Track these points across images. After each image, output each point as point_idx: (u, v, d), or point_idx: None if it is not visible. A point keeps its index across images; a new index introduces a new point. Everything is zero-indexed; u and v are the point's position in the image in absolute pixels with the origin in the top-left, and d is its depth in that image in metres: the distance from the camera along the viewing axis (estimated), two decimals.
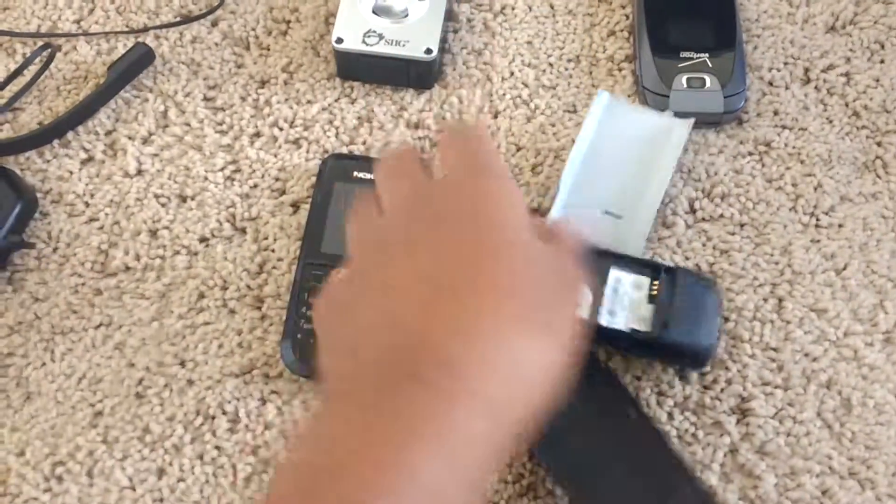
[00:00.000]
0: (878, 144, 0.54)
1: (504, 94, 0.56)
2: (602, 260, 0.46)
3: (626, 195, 0.50)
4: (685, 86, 0.53)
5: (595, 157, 0.51)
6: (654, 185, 0.50)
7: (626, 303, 0.45)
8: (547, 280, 0.35)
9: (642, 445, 0.44)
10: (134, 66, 0.55)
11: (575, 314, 0.36)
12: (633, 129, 0.52)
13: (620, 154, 0.52)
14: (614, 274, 0.46)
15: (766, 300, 0.49)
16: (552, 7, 0.59)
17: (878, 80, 0.56)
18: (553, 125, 0.55)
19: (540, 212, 0.52)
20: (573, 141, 0.52)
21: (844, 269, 0.50)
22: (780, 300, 0.49)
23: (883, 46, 0.57)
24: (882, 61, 0.57)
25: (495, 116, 0.55)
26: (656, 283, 0.45)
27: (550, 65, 0.57)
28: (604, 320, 0.45)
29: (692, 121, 0.52)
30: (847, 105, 0.55)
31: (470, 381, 0.31)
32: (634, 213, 0.50)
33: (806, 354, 0.47)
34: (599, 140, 0.52)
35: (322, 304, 0.38)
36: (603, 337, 0.45)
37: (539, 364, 0.33)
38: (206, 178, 0.53)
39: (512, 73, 0.57)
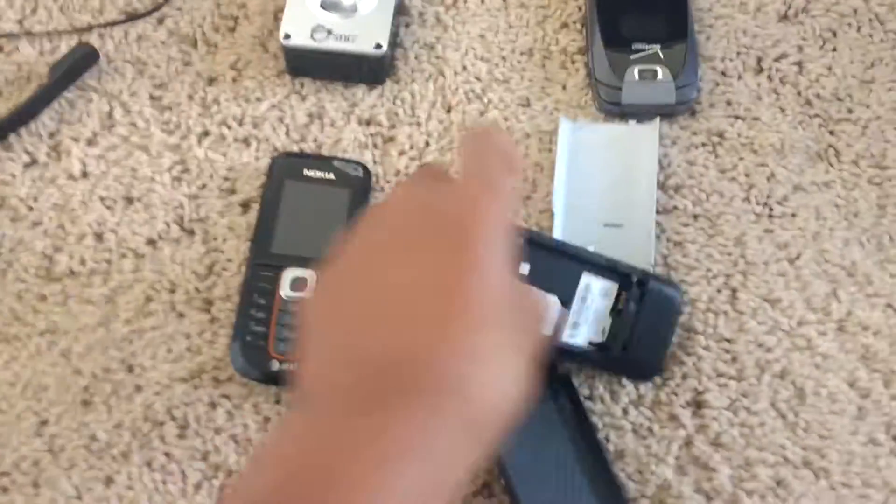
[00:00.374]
0: (831, 133, 0.54)
1: (457, 89, 0.55)
2: (574, 264, 0.46)
3: (620, 205, 0.51)
4: (637, 77, 0.53)
5: (578, 178, 0.51)
6: (644, 190, 0.51)
7: (591, 315, 0.46)
8: (518, 304, 0.36)
9: (584, 443, 0.44)
10: (77, 65, 0.54)
11: (540, 334, 0.37)
12: (604, 145, 0.53)
13: (601, 169, 0.52)
14: (585, 280, 0.46)
15: (719, 291, 0.49)
16: (504, 0, 0.58)
17: (830, 69, 0.56)
18: (507, 119, 0.54)
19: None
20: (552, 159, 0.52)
21: (797, 258, 0.50)
22: (734, 291, 0.49)
23: (835, 34, 0.57)
24: (834, 49, 0.57)
25: (448, 111, 0.55)
26: (623, 293, 0.46)
27: (503, 58, 0.57)
28: (566, 335, 0.45)
29: (657, 121, 0.52)
30: (799, 94, 0.55)
31: (457, 399, 0.32)
32: (633, 221, 0.50)
33: (760, 345, 0.47)
34: (576, 163, 0.52)
35: (310, 306, 0.37)
36: (562, 352, 0.45)
37: (514, 383, 0.34)
38: (152, 179, 0.52)
39: (465, 68, 0.56)
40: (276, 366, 0.45)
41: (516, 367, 0.34)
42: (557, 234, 0.50)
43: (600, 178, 0.52)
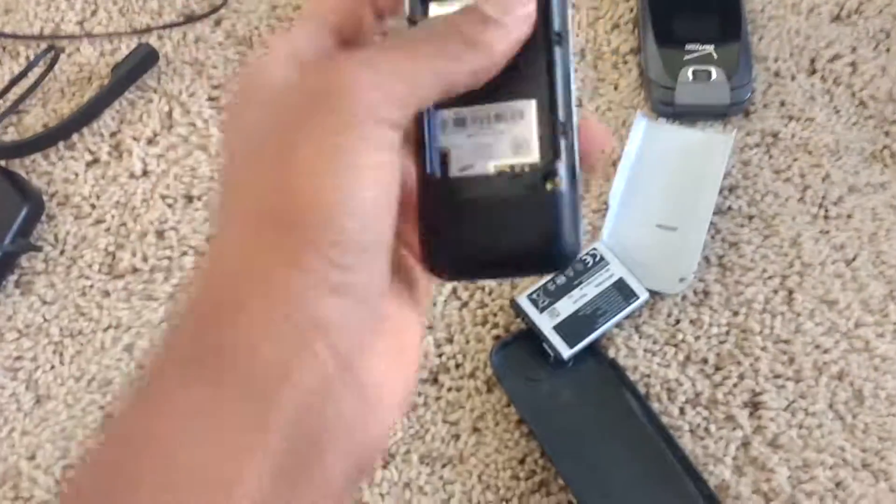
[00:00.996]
0: (886, 134, 0.54)
1: None
2: None
3: (677, 209, 0.51)
4: (691, 78, 0.53)
5: (641, 176, 0.52)
6: (705, 198, 0.50)
7: None
8: None
9: (650, 445, 0.44)
10: (137, 67, 0.55)
11: None
12: (676, 148, 0.53)
13: (666, 171, 0.52)
14: None
15: (776, 292, 0.49)
16: None
17: (884, 70, 0.56)
18: None
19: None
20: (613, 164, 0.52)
21: (854, 259, 0.50)
22: (790, 292, 0.49)
23: (888, 35, 0.57)
24: (888, 50, 0.57)
25: None
26: None
27: None
28: None
29: (734, 133, 0.52)
30: (853, 95, 0.55)
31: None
32: (688, 225, 0.50)
33: (817, 346, 0.47)
34: (642, 161, 0.52)
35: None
36: None
37: None
38: (212, 178, 0.53)
39: None
40: None
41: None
42: (608, 229, 0.50)
43: (664, 179, 0.52)
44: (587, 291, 0.47)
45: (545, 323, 0.46)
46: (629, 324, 0.48)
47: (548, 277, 0.47)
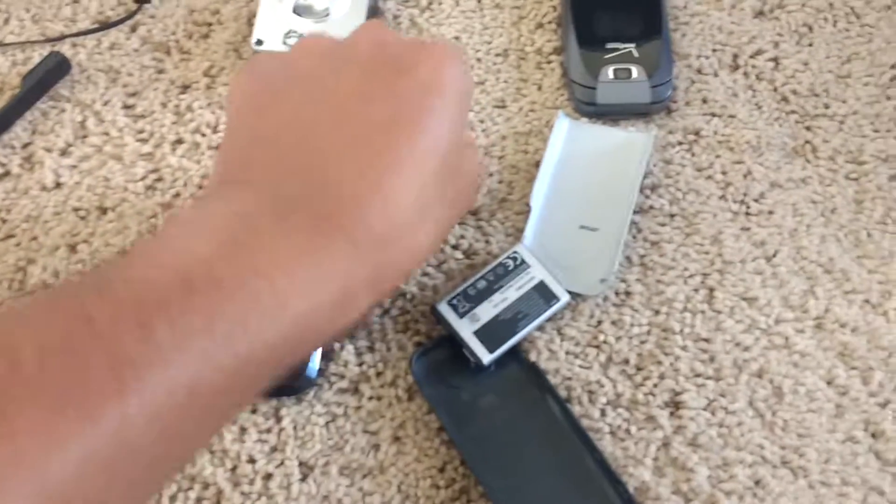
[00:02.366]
0: (808, 129, 0.54)
1: None
2: None
3: (599, 209, 0.50)
4: (612, 77, 0.53)
5: (563, 176, 0.51)
6: (625, 197, 0.50)
7: None
8: (458, 168, 0.38)
9: (569, 449, 0.44)
10: (49, 75, 0.54)
11: (456, 219, 0.42)
12: (597, 147, 0.52)
13: (587, 171, 0.51)
14: None
15: (696, 291, 0.49)
16: (479, 1, 0.58)
17: (806, 64, 0.56)
18: (482, 121, 0.54)
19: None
20: (536, 164, 0.52)
21: (774, 256, 0.50)
22: (711, 290, 0.49)
23: (811, 29, 0.57)
24: (810, 44, 0.57)
25: None
26: None
27: (478, 60, 0.56)
28: None
29: (654, 132, 0.52)
30: (776, 90, 0.55)
31: (369, 242, 0.33)
32: (609, 226, 0.49)
33: (737, 344, 0.47)
34: (565, 161, 0.51)
35: (243, 84, 0.38)
36: None
37: (429, 245, 0.36)
38: (126, 189, 0.51)
39: None
40: None
41: (434, 236, 0.37)
42: (530, 231, 0.50)
43: (586, 179, 0.51)
44: (508, 295, 0.47)
45: (465, 328, 0.46)
46: (551, 326, 0.48)
47: (468, 282, 0.47)
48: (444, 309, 0.46)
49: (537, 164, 0.52)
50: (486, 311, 0.46)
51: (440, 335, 0.47)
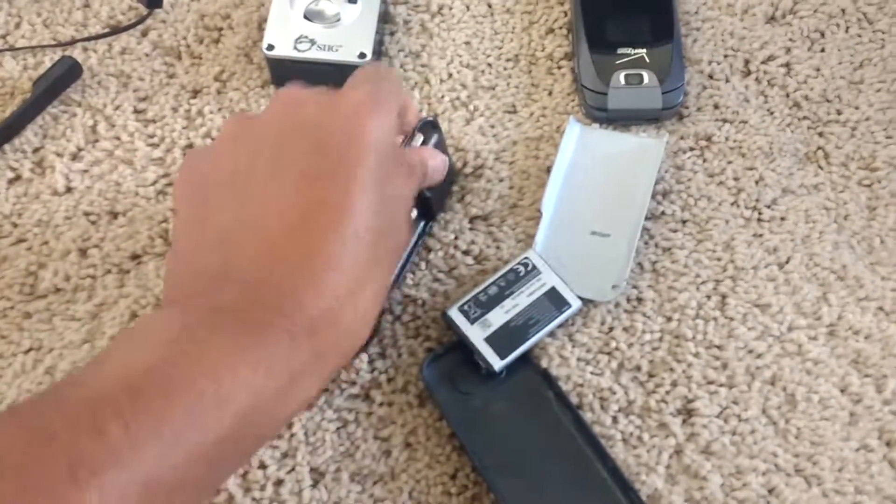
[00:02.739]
0: (820, 135, 0.54)
1: (443, 97, 0.55)
2: None
3: (610, 215, 0.50)
4: (623, 83, 0.53)
5: (574, 182, 0.51)
6: (637, 203, 0.50)
7: None
8: (383, 234, 0.37)
9: (581, 457, 0.43)
10: (60, 80, 0.54)
11: (394, 266, 0.41)
12: (609, 153, 0.52)
13: (599, 177, 0.51)
14: None
15: (708, 297, 0.48)
16: (490, 6, 0.58)
17: (818, 70, 0.56)
18: (493, 126, 0.54)
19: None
20: (547, 170, 0.52)
21: (787, 262, 0.50)
22: (723, 297, 0.48)
23: (823, 35, 0.57)
24: (822, 50, 0.56)
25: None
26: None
27: (489, 65, 0.56)
28: None
29: (666, 138, 0.52)
30: (788, 96, 0.55)
31: (317, 338, 0.34)
32: (621, 232, 0.49)
33: (750, 351, 0.47)
34: (576, 166, 0.51)
35: (184, 180, 0.40)
36: None
37: (366, 321, 0.37)
38: (137, 194, 0.51)
39: (450, 75, 0.56)
40: None
41: (372, 301, 0.37)
42: (541, 237, 0.49)
43: (597, 185, 0.51)
44: (519, 301, 0.46)
45: (476, 335, 0.46)
46: (562, 333, 0.47)
47: (479, 288, 0.47)
48: (455, 315, 0.46)
49: (548, 170, 0.52)
50: (498, 317, 0.46)
51: (451, 341, 0.47)
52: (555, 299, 0.46)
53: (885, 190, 0.52)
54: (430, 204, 0.47)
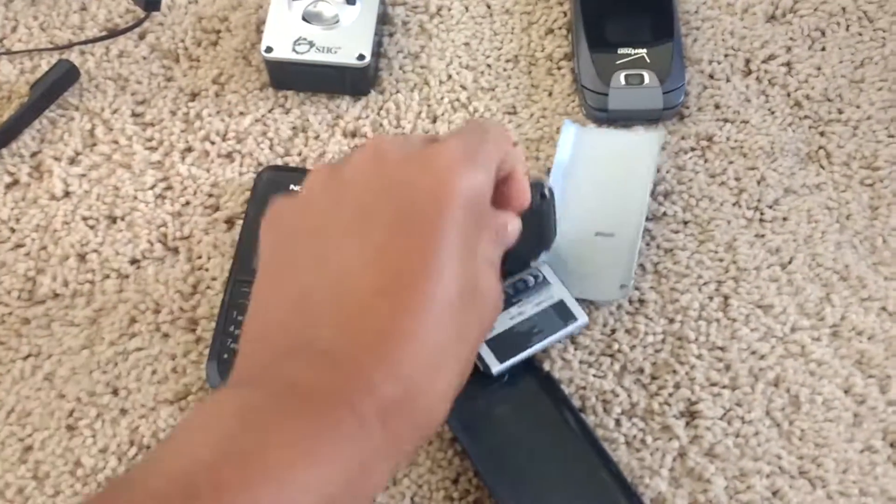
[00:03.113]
0: (821, 134, 0.53)
1: (442, 98, 0.55)
2: None
3: (613, 213, 0.49)
4: (623, 83, 0.52)
5: (574, 183, 0.50)
6: (638, 199, 0.49)
7: None
8: (475, 294, 0.34)
9: (583, 461, 0.43)
10: (57, 83, 0.53)
11: (491, 323, 0.37)
12: (607, 151, 0.52)
13: (598, 175, 0.51)
14: None
15: (711, 298, 0.48)
16: (489, 7, 0.58)
17: (819, 69, 0.55)
18: None
19: None
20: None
21: (789, 262, 0.49)
22: (726, 298, 0.48)
23: (824, 34, 0.57)
24: (823, 49, 0.56)
25: (434, 121, 0.54)
26: None
27: (489, 66, 0.56)
28: None
29: (664, 131, 0.51)
30: (789, 95, 0.55)
31: (391, 421, 0.31)
32: (625, 230, 0.49)
33: (753, 352, 0.47)
34: (575, 167, 0.51)
35: (269, 229, 0.37)
36: None
37: (447, 396, 0.34)
38: (135, 198, 0.51)
39: (450, 76, 0.55)
40: None
41: (455, 377, 0.34)
42: None
43: (598, 184, 0.51)
44: (525, 310, 0.46)
45: None
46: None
47: None
48: None
49: (549, 171, 0.52)
50: (502, 321, 0.45)
51: None
52: (562, 312, 0.46)
53: (888, 189, 0.51)
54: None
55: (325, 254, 0.34)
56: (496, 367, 0.44)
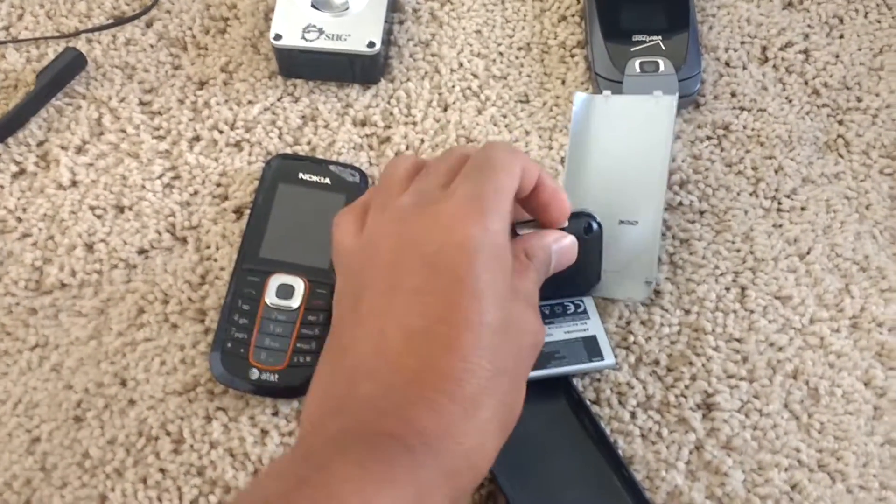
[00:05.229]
0: (840, 123, 0.53)
1: (453, 86, 0.54)
2: None
3: (632, 196, 0.47)
4: (638, 70, 0.52)
5: (591, 159, 0.48)
6: (657, 175, 0.47)
7: None
8: (502, 345, 0.35)
9: (594, 462, 0.42)
10: (64, 72, 0.53)
11: (527, 367, 0.38)
12: (620, 120, 0.49)
13: (615, 149, 0.48)
14: None
15: (728, 289, 0.47)
16: None
17: (837, 56, 0.54)
18: (505, 116, 0.53)
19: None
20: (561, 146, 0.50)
21: (808, 253, 0.48)
22: (743, 289, 0.47)
23: (842, 21, 0.56)
24: (841, 36, 0.55)
25: (445, 109, 0.53)
26: None
27: (500, 54, 0.55)
28: None
29: (676, 95, 0.49)
30: (806, 83, 0.54)
31: (438, 454, 0.33)
32: (646, 215, 0.47)
33: (771, 344, 0.46)
34: (589, 140, 0.48)
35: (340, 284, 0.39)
36: None
37: (493, 442, 0.35)
38: (143, 187, 0.50)
39: (461, 64, 0.55)
40: (255, 374, 0.44)
41: (496, 411, 0.35)
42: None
43: (616, 158, 0.48)
44: (555, 333, 0.44)
45: None
46: None
47: None
48: None
49: (562, 161, 0.51)
50: None
51: None
52: (591, 347, 0.44)
53: None
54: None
55: (371, 322, 0.36)
56: None
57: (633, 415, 0.44)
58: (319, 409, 0.36)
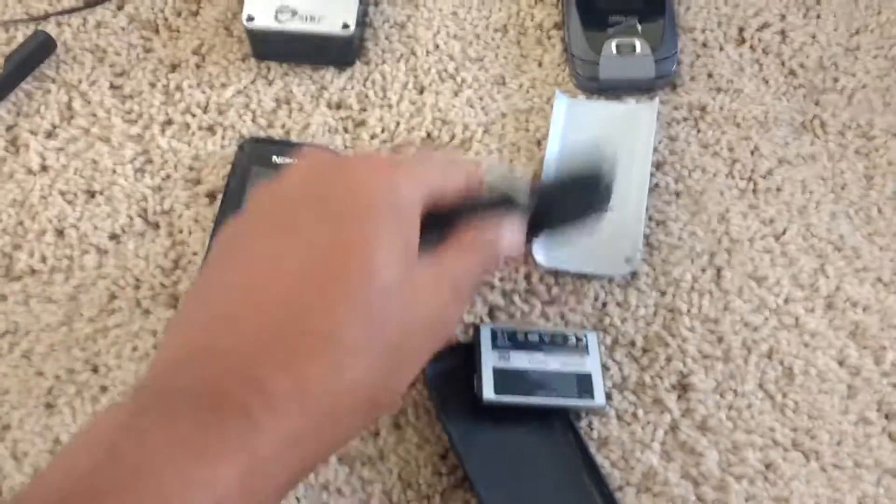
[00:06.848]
0: (816, 103, 0.52)
1: (429, 69, 0.53)
2: None
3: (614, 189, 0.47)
4: (615, 52, 0.51)
5: (569, 158, 0.48)
6: (637, 173, 0.48)
7: None
8: (380, 309, 0.33)
9: (567, 466, 0.42)
10: (33, 55, 0.52)
11: (413, 335, 0.34)
12: (601, 125, 0.50)
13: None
14: None
15: (704, 270, 0.47)
16: None
17: (814, 37, 0.54)
18: (481, 99, 0.53)
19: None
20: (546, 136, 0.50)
21: (783, 233, 0.48)
22: (719, 270, 0.47)
23: (818, 1, 0.56)
24: (818, 16, 0.55)
25: (421, 92, 0.53)
26: None
27: (477, 35, 0.55)
28: None
29: (657, 101, 0.50)
30: (783, 64, 0.54)
31: (282, 417, 0.30)
32: (626, 204, 0.47)
33: (746, 324, 0.46)
34: (568, 142, 0.49)
35: (215, 245, 0.36)
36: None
37: (354, 387, 0.32)
38: (114, 172, 0.50)
39: (437, 46, 0.54)
40: None
41: (367, 373, 0.32)
42: None
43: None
44: (549, 362, 0.43)
45: (490, 360, 0.43)
46: (554, 311, 0.46)
47: (524, 328, 0.44)
48: (485, 333, 0.44)
49: (539, 143, 0.51)
50: (520, 359, 0.43)
51: (461, 344, 0.45)
52: (583, 385, 0.43)
53: (883, 158, 0.50)
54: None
55: (249, 265, 0.33)
56: (489, 396, 0.42)
57: (609, 396, 0.44)
58: (169, 358, 0.33)
